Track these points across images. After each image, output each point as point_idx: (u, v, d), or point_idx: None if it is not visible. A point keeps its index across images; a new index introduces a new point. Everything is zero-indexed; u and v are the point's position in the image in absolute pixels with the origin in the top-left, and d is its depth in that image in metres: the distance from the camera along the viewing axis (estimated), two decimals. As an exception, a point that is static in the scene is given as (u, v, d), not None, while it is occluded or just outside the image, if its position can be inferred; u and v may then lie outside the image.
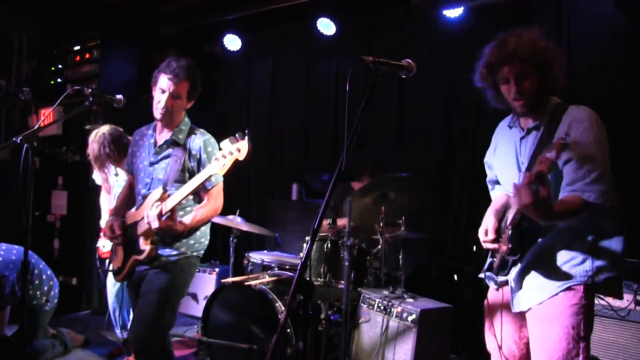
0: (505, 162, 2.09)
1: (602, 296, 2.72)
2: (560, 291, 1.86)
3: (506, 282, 2.02)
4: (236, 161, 2.12)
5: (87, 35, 5.17)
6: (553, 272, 1.89)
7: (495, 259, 2.00)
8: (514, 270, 1.99)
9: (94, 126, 3.65)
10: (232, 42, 5.16)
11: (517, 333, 2.06)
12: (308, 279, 3.07)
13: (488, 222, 2.00)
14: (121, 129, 3.60)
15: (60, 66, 5.34)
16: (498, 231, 1.96)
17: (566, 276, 1.86)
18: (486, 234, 1.98)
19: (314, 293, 3.04)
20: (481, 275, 2.08)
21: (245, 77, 5.57)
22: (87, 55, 5.12)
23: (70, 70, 5.25)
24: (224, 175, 2.29)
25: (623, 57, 3.53)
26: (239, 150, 2.11)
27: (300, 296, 2.91)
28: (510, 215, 1.92)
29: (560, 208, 1.78)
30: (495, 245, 1.95)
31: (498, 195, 2.23)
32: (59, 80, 5.34)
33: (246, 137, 2.11)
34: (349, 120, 1.60)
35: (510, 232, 1.88)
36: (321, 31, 4.61)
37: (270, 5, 4.69)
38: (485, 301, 2.17)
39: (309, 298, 2.93)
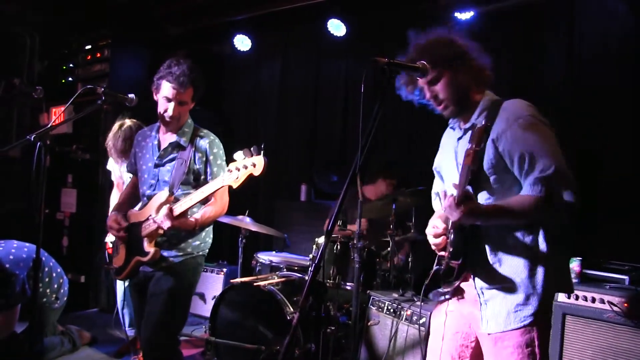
0: (448, 165, 1.99)
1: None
2: (509, 330, 1.73)
3: (451, 294, 1.87)
4: (250, 176, 2.13)
5: (97, 35, 5.20)
6: (502, 303, 1.75)
7: (442, 266, 1.85)
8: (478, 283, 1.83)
9: (120, 119, 3.61)
10: (242, 43, 5.17)
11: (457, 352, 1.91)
12: (320, 280, 3.07)
13: (435, 221, 1.88)
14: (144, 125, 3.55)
15: (71, 65, 5.38)
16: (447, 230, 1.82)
17: (514, 317, 1.72)
18: (436, 228, 1.85)
19: (326, 295, 3.03)
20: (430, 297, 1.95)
21: (254, 77, 5.57)
22: (98, 55, 5.16)
23: (81, 69, 5.29)
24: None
25: (634, 59, 3.50)
26: (254, 166, 2.11)
27: (312, 298, 2.90)
28: (451, 219, 1.78)
29: (500, 209, 1.69)
30: (442, 240, 1.82)
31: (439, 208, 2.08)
32: (70, 79, 5.39)
33: (262, 153, 2.10)
34: (363, 123, 1.58)
35: (452, 236, 1.76)
36: (331, 32, 4.60)
37: (280, 6, 4.69)
38: (432, 322, 2.05)
39: (321, 300, 2.92)
